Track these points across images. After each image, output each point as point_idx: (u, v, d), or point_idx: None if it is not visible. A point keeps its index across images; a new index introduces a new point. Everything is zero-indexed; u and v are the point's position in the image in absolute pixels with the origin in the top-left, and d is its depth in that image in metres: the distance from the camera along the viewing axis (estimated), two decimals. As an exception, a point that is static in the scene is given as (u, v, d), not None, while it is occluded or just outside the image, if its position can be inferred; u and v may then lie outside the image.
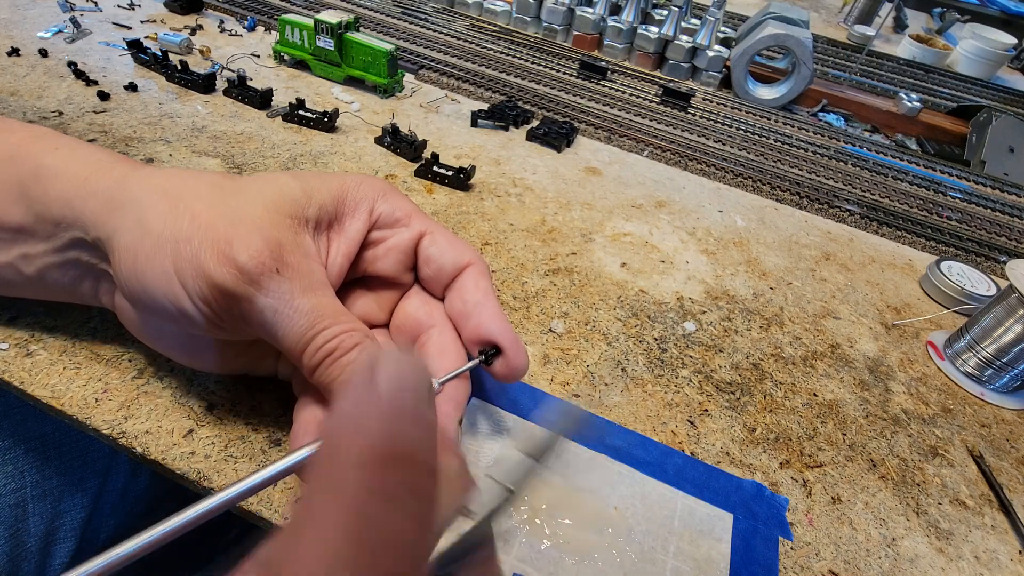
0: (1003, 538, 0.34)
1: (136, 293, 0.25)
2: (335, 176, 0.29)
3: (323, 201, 0.27)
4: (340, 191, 0.28)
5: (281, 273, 0.24)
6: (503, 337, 0.28)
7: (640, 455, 0.33)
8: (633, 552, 0.29)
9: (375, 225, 0.29)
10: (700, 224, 0.56)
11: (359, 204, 0.29)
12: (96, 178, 0.26)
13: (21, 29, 0.64)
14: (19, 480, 0.40)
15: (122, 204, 0.25)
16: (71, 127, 0.50)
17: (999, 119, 0.83)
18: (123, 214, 0.25)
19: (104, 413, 0.29)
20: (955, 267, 0.54)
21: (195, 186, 0.25)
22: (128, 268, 0.24)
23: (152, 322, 0.27)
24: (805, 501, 0.33)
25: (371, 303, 0.31)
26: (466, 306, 0.29)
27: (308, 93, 0.64)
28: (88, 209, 0.25)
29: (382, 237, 0.30)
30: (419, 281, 0.32)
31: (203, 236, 0.23)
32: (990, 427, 0.41)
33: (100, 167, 0.26)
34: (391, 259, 0.30)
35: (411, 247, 0.30)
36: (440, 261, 0.30)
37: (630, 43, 0.90)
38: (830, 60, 1.10)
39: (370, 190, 0.29)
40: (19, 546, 0.39)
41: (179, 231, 0.24)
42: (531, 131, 0.63)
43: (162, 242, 0.24)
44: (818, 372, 0.42)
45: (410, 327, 0.30)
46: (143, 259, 0.24)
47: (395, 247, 0.30)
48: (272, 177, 0.27)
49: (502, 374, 0.28)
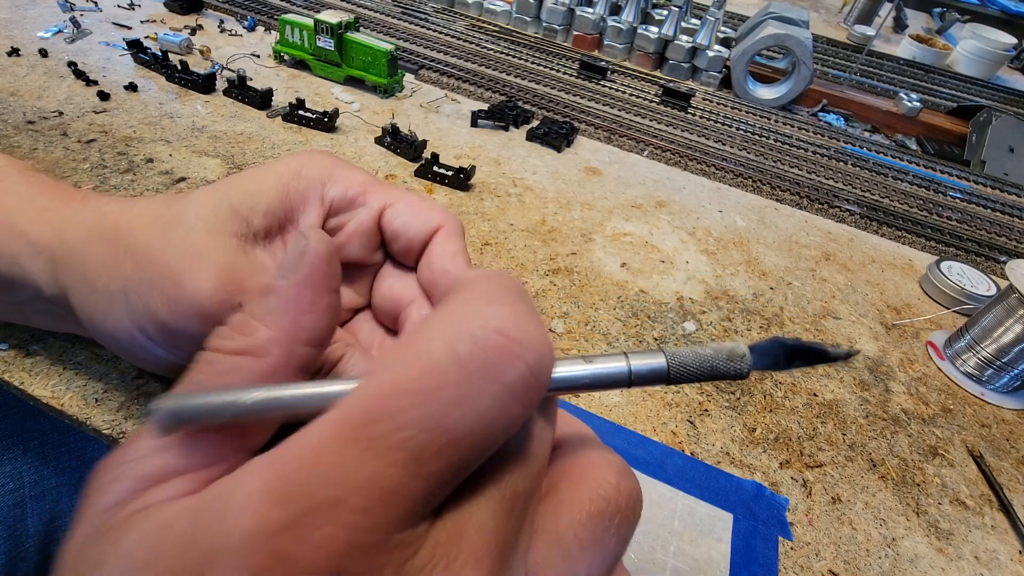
0: (1003, 538, 0.34)
1: (108, 345, 0.24)
2: (273, 171, 0.26)
3: (268, 206, 0.25)
4: (282, 188, 0.26)
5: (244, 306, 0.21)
6: None
7: (640, 455, 0.33)
8: (633, 552, 0.29)
9: (330, 212, 0.27)
10: (700, 224, 0.56)
11: (307, 195, 0.26)
12: (35, 232, 0.25)
13: (21, 29, 0.64)
14: (17, 480, 0.39)
15: (64, 260, 0.24)
16: (71, 127, 0.50)
17: (999, 119, 0.83)
18: (67, 271, 0.24)
19: (104, 413, 0.29)
20: (955, 267, 0.54)
21: (130, 221, 0.24)
22: (89, 323, 0.23)
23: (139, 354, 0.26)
24: (805, 501, 0.33)
25: (346, 290, 0.29)
26: (433, 275, 0.26)
27: (308, 93, 0.64)
28: (36, 268, 0.24)
29: (340, 223, 0.27)
30: (391, 256, 0.29)
31: (151, 282, 0.22)
32: (990, 427, 0.41)
33: (37, 217, 0.25)
34: (356, 244, 0.27)
35: (373, 226, 0.27)
36: (407, 234, 0.27)
37: (630, 43, 0.90)
38: (830, 60, 1.10)
39: (314, 175, 0.26)
40: (17, 546, 0.39)
41: (125, 280, 0.22)
42: (531, 131, 0.63)
43: (110, 296, 0.22)
44: (818, 372, 0.42)
45: (390, 306, 0.28)
46: (99, 317, 0.23)
47: (356, 231, 0.27)
48: (209, 194, 0.25)
49: None
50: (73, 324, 0.27)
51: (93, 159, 0.47)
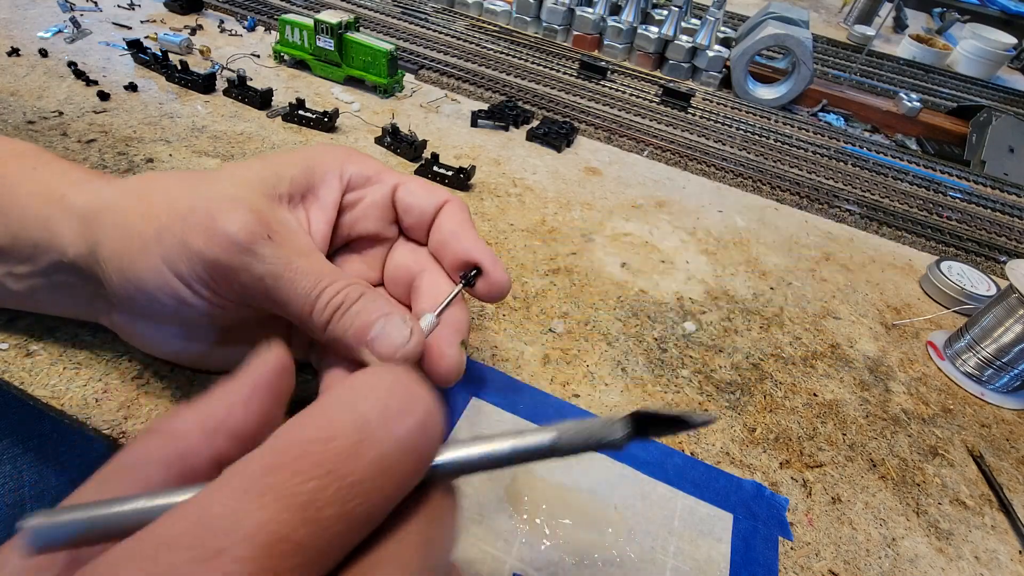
0: (1003, 538, 0.34)
1: (131, 296, 0.25)
2: (298, 151, 0.30)
3: (293, 175, 0.28)
4: (307, 163, 0.29)
5: (272, 239, 0.24)
6: (481, 255, 0.29)
7: (640, 455, 0.33)
8: (633, 552, 0.29)
9: (348, 187, 0.30)
10: (700, 224, 0.56)
11: (328, 171, 0.29)
12: (73, 195, 0.26)
13: (21, 29, 0.64)
14: (17, 480, 0.39)
15: (98, 214, 0.25)
16: (71, 127, 0.50)
17: (999, 119, 0.83)
18: (102, 224, 0.25)
19: (104, 413, 0.29)
20: (955, 267, 0.54)
21: (165, 182, 0.26)
22: (117, 273, 0.24)
23: (154, 330, 0.27)
24: (805, 501, 0.33)
25: (360, 264, 0.32)
26: (443, 235, 0.30)
27: (308, 93, 0.64)
28: (66, 230, 0.25)
29: (358, 198, 0.30)
30: (403, 232, 0.32)
31: (185, 221, 0.24)
32: (990, 427, 0.41)
33: (76, 184, 0.27)
34: (372, 217, 0.30)
35: (388, 201, 0.31)
36: (419, 206, 0.30)
37: (630, 43, 0.90)
38: (830, 60, 1.10)
39: (336, 156, 0.30)
40: (18, 546, 0.39)
41: (160, 223, 0.24)
42: (531, 131, 0.63)
43: (145, 239, 0.24)
44: (818, 372, 0.42)
45: (401, 276, 0.31)
46: (129, 260, 0.24)
47: (373, 204, 0.30)
48: (238, 165, 0.27)
49: (484, 292, 0.29)
50: (83, 300, 0.28)
51: (93, 159, 0.47)
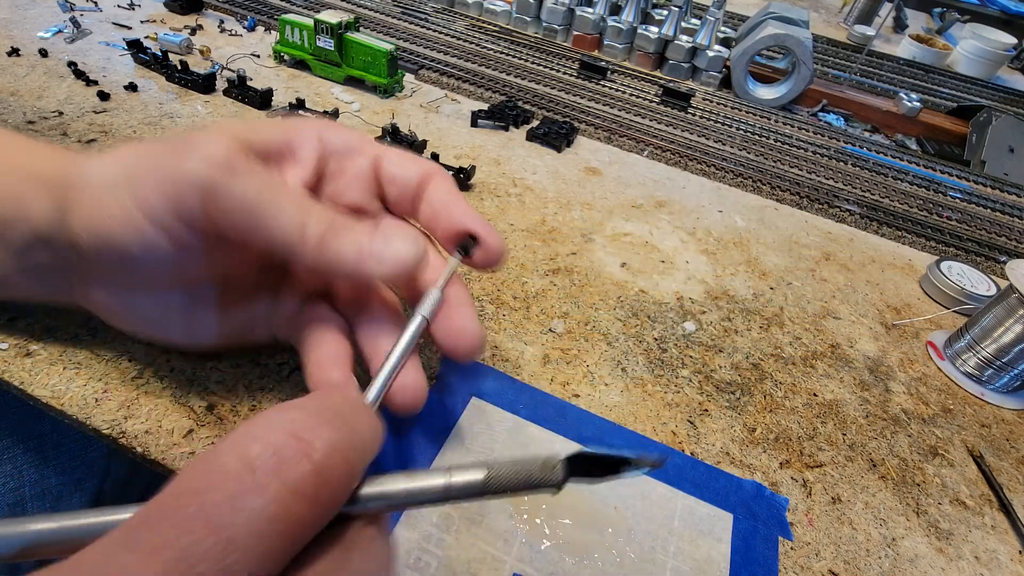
0: (1003, 538, 0.34)
1: (100, 253, 0.24)
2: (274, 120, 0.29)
3: (267, 135, 0.27)
4: (284, 129, 0.28)
5: (251, 159, 0.23)
6: (475, 223, 0.28)
7: (640, 455, 0.33)
8: (633, 552, 0.29)
9: (327, 151, 0.29)
10: (700, 224, 0.56)
11: (304, 136, 0.29)
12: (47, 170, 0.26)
13: (21, 29, 0.64)
14: (17, 479, 0.39)
15: (68, 178, 0.25)
16: (71, 127, 0.50)
17: (999, 119, 0.83)
18: (72, 185, 0.25)
19: (104, 413, 0.29)
20: (955, 267, 0.54)
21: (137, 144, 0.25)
22: (87, 231, 0.24)
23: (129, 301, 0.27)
24: (805, 501, 0.33)
25: None
26: (434, 207, 0.29)
27: (308, 93, 0.64)
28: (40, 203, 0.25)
29: (341, 169, 0.29)
30: (388, 207, 0.32)
31: (157, 157, 0.23)
32: (990, 427, 0.41)
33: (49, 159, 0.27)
34: (356, 188, 0.30)
35: (372, 173, 0.30)
36: (403, 176, 0.30)
37: (630, 43, 0.90)
38: (830, 60, 1.10)
39: (314, 123, 0.30)
40: (18, 546, 0.39)
41: (130, 167, 0.24)
42: (531, 131, 0.63)
43: (116, 183, 0.23)
44: (818, 372, 0.42)
45: None
46: (98, 210, 0.24)
47: (357, 175, 0.30)
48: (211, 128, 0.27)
49: (482, 260, 0.29)
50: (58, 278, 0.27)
51: (93, 159, 0.47)
